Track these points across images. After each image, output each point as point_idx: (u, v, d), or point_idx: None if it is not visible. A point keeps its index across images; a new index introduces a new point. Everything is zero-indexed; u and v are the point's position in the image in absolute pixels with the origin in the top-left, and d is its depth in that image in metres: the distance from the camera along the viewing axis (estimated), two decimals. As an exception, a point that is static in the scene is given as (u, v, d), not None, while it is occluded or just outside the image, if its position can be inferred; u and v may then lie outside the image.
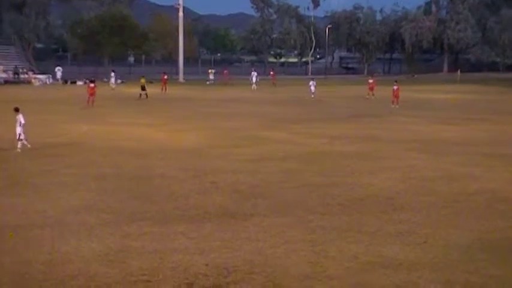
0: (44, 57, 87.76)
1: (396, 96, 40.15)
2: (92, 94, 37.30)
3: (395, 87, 40.61)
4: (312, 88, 47.90)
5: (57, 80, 66.83)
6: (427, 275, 8.77)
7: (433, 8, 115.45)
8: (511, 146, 22.57)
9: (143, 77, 48.77)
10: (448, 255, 9.55)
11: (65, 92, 52.91)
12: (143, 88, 45.69)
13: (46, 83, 66.27)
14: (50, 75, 68.44)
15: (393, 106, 39.23)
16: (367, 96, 47.40)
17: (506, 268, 9.03)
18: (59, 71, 68.15)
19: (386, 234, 10.69)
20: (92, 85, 38.12)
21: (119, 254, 9.52)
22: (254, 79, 61.72)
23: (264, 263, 9.16)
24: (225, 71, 72.35)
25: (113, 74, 58.99)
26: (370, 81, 49.50)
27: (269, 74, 71.53)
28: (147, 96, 45.16)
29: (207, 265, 9.04)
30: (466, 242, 10.26)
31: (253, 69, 67.07)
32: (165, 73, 56.29)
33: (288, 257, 9.41)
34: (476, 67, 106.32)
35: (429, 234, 10.66)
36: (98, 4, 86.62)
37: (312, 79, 51.52)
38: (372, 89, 48.17)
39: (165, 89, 52.76)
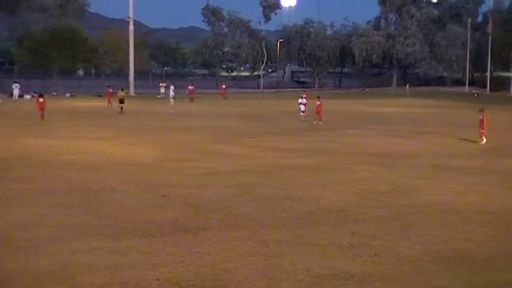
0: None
1: (318, 112, 38.22)
2: (42, 109, 36.52)
3: (318, 103, 38.70)
4: (302, 107, 41.54)
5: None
6: (379, 287, 8.82)
7: (382, 23, 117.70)
8: (459, 158, 23.02)
9: (122, 90, 48.32)
10: (399, 267, 9.64)
11: (10, 105, 51.86)
12: (121, 101, 45.18)
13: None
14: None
15: (315, 122, 37.45)
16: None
17: (455, 279, 9.14)
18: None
19: (338, 246, 10.73)
20: (41, 100, 37.25)
21: (68, 270, 9.32)
22: (172, 93, 59.25)
23: (216, 277, 9.08)
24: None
25: (15, 85, 57.68)
26: (318, 103, 44.87)
27: (187, 88, 65.99)
28: (122, 109, 44.65)
29: (158, 280, 8.92)
30: (416, 253, 10.37)
31: (170, 83, 63.74)
32: (109, 86, 55.59)
33: (241, 271, 9.36)
34: (425, 81, 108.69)
35: (380, 247, 10.75)
36: (47, 16, 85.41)
37: (303, 93, 44.09)
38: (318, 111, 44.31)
39: (111, 103, 51.33)
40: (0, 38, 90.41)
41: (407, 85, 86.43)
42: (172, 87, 60.51)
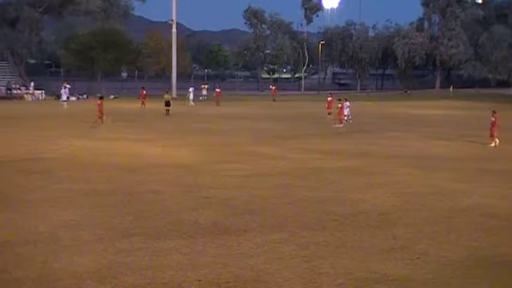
0: (36, 73, 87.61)
1: (340, 114, 37.69)
2: (99, 111, 36.16)
3: (339, 105, 38.31)
4: (346, 110, 39.38)
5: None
6: (421, 291, 8.75)
7: (426, 25, 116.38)
8: (502, 161, 22.65)
9: (167, 92, 48.54)
10: (441, 271, 9.54)
11: (57, 107, 52.74)
12: (167, 104, 45.44)
13: (39, 98, 66.19)
14: (43, 91, 68.23)
15: (335, 126, 36.81)
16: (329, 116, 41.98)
17: (499, 284, 9.01)
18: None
19: (379, 250, 10.67)
20: (99, 102, 36.95)
21: (111, 270, 9.46)
22: (191, 96, 59.31)
23: (257, 279, 9.11)
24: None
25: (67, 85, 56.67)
26: (329, 98, 43.69)
27: (214, 90, 65.57)
28: (168, 112, 44.91)
29: (199, 281, 8.99)
30: (459, 258, 10.24)
31: (189, 86, 64.05)
32: (143, 88, 54.96)
33: (281, 273, 9.37)
34: (469, 83, 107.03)
35: (422, 250, 10.65)
36: (92, 20, 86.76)
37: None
38: (329, 107, 42.79)
39: (144, 105, 50.67)
40: (47, 41, 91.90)
41: (451, 87, 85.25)
42: (191, 90, 60.72)
